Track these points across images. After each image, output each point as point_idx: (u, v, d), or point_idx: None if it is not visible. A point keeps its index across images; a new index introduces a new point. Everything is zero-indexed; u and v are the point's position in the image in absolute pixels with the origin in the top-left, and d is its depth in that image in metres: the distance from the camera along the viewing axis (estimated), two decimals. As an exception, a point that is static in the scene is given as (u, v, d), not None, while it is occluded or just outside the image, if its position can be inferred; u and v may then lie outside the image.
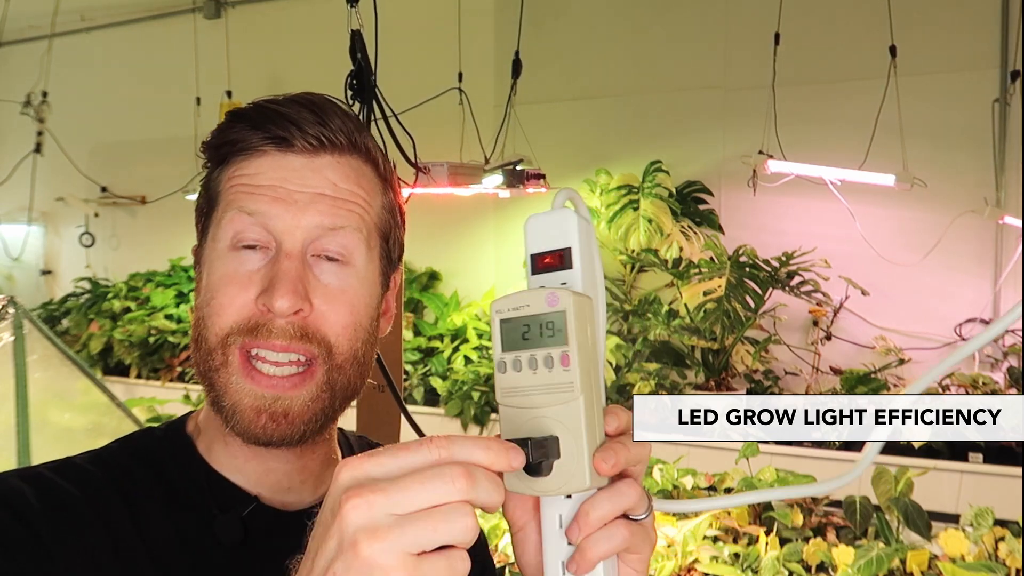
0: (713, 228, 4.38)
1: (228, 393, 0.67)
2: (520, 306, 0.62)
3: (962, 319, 3.91)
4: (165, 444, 0.74)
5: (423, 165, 2.13)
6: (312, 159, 0.69)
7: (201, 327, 0.68)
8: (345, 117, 0.71)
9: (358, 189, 0.71)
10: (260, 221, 0.67)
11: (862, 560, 2.20)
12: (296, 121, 0.68)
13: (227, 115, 0.72)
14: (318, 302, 0.67)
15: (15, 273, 6.80)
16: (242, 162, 0.70)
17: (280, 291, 0.65)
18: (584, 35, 4.75)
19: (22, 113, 5.16)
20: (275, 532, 0.72)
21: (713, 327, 3.82)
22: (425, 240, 4.92)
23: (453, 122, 3.55)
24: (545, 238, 0.65)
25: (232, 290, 0.67)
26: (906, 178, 3.51)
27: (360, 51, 1.66)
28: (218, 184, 0.71)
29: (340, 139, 0.70)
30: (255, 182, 0.68)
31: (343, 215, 0.69)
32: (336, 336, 0.68)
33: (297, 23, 5.39)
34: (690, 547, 2.32)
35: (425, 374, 4.40)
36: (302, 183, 0.68)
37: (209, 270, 0.69)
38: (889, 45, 3.53)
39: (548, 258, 0.65)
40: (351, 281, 0.70)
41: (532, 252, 0.66)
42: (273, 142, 0.69)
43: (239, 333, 0.67)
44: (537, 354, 0.61)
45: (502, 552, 2.49)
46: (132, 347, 5.09)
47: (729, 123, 4.44)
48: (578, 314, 0.60)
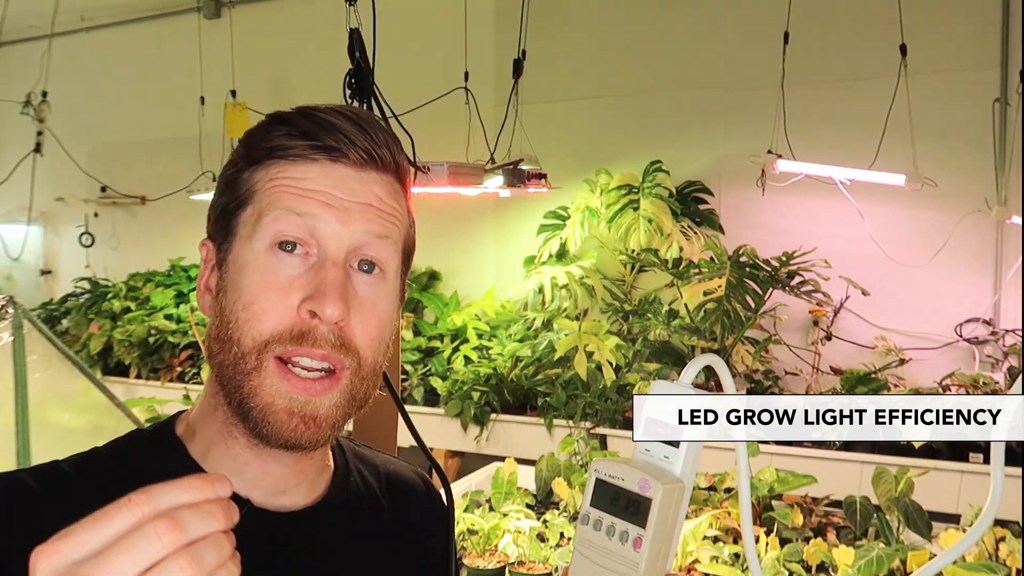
0: (713, 228, 4.38)
1: (260, 395, 0.67)
2: (617, 476, 0.68)
3: (963, 319, 3.91)
4: (154, 446, 0.73)
5: (423, 165, 2.13)
6: (360, 172, 0.70)
7: (233, 330, 0.68)
8: (388, 135, 0.73)
9: (397, 205, 0.73)
10: (308, 223, 0.68)
11: (862, 560, 2.20)
12: (347, 133, 0.69)
13: (270, 117, 0.72)
14: (353, 312, 0.68)
15: (15, 273, 6.80)
16: (287, 166, 0.69)
17: (331, 299, 0.66)
18: (584, 35, 4.75)
19: (22, 113, 5.15)
20: (267, 534, 0.72)
21: (713, 327, 3.82)
22: (425, 240, 4.81)
23: (460, 121, 3.55)
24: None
25: (274, 295, 0.67)
26: (917, 178, 3.49)
27: (359, 50, 1.66)
28: (252, 184, 0.70)
29: (386, 155, 0.72)
30: (303, 186, 0.69)
31: (387, 226, 0.71)
32: (365, 348, 0.69)
33: (299, 23, 5.39)
34: (690, 547, 2.32)
35: (425, 374, 4.39)
36: (351, 193, 0.69)
37: (243, 271, 0.69)
38: (899, 44, 3.52)
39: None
40: (382, 293, 0.71)
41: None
42: (324, 151, 0.69)
43: (280, 341, 0.66)
44: (617, 524, 0.66)
45: (502, 552, 2.49)
46: (132, 347, 5.09)
47: (729, 123, 4.43)
48: (663, 505, 0.65)
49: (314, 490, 0.77)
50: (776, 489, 2.58)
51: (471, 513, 2.65)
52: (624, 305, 4.40)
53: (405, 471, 0.90)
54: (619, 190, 4.33)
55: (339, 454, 0.83)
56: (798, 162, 3.66)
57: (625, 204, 4.27)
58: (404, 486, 0.87)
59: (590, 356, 3.93)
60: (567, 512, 2.73)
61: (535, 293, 4.44)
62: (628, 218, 4.22)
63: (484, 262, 5.08)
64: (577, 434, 3.36)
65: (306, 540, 0.74)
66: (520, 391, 4.10)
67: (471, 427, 4.05)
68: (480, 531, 2.54)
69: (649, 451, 0.69)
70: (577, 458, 3.08)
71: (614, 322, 4.41)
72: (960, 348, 3.92)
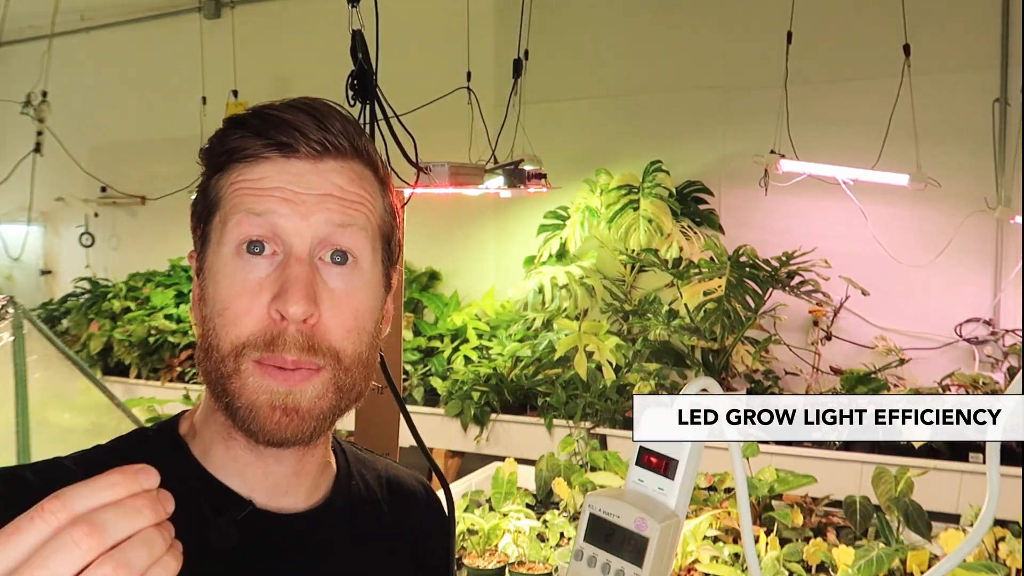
0: (713, 228, 4.38)
1: (244, 393, 0.67)
2: (612, 513, 0.66)
3: (962, 319, 3.91)
4: (156, 445, 0.73)
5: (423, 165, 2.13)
6: (316, 164, 0.69)
7: (212, 337, 0.68)
8: (346, 122, 0.72)
9: (362, 192, 0.71)
10: (268, 220, 0.67)
11: (862, 560, 2.20)
12: (299, 127, 0.68)
13: (226, 122, 0.71)
14: (324, 307, 0.67)
15: (15, 273, 6.80)
16: (244, 168, 0.69)
17: (294, 296, 0.65)
18: (585, 35, 4.75)
19: (22, 113, 5.16)
20: (270, 535, 0.72)
21: (713, 327, 3.82)
22: (425, 240, 4.92)
23: (463, 121, 3.55)
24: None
25: (244, 300, 0.67)
26: (920, 178, 3.48)
27: (361, 51, 1.66)
28: (218, 190, 0.71)
29: (343, 144, 0.70)
30: (260, 185, 0.68)
31: (351, 214, 0.70)
32: (341, 341, 0.68)
33: (300, 22, 5.40)
34: (690, 547, 2.32)
35: (425, 374, 4.39)
36: (308, 186, 0.68)
37: (215, 278, 0.69)
38: (903, 44, 3.52)
39: (655, 459, 0.67)
40: (357, 284, 0.70)
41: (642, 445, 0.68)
42: (277, 148, 0.69)
43: (254, 347, 0.66)
44: (612, 562, 0.65)
45: (502, 552, 2.49)
46: (132, 347, 5.09)
47: (729, 123, 4.44)
48: (660, 543, 0.64)
49: (316, 491, 0.77)
50: (776, 489, 2.58)
51: (471, 513, 2.65)
52: (624, 305, 4.40)
53: (406, 476, 0.90)
54: (619, 190, 4.33)
55: (341, 457, 0.83)
56: (802, 162, 3.66)
57: (625, 204, 4.27)
58: (405, 491, 0.87)
59: (590, 356, 3.93)
60: (567, 512, 2.73)
61: (535, 293, 4.44)
62: (628, 218, 4.22)
63: (484, 262, 5.08)
64: (577, 434, 3.36)
65: (308, 542, 0.74)
66: (520, 391, 4.10)
67: (471, 427, 4.05)
68: (480, 531, 2.54)
69: (643, 481, 0.68)
70: (577, 458, 3.08)
71: (614, 322, 4.41)
72: (960, 348, 3.92)
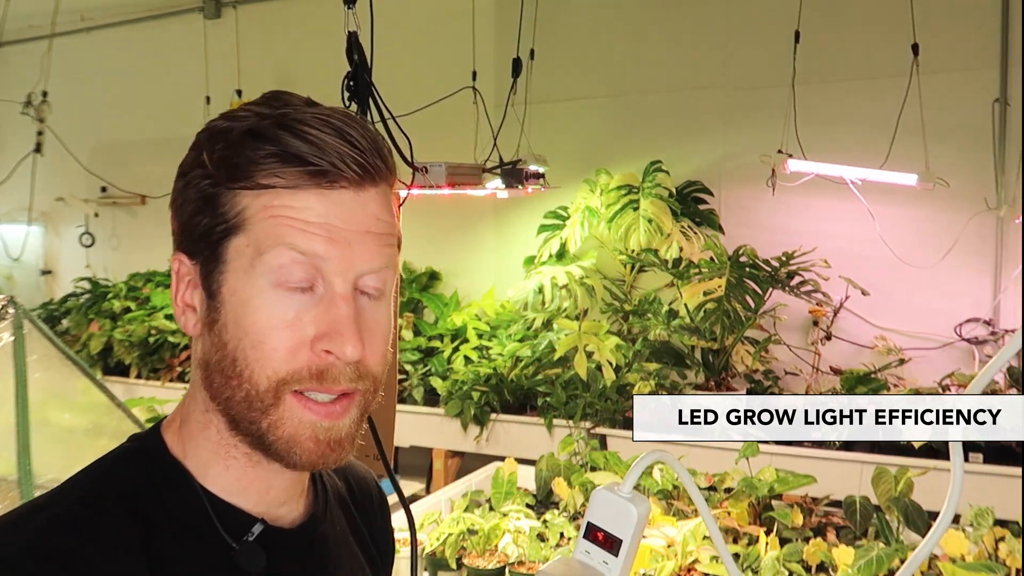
0: (713, 228, 4.38)
1: (282, 427, 0.66)
2: None
3: (962, 319, 3.91)
4: (154, 474, 0.70)
5: (421, 165, 2.13)
6: (358, 193, 0.67)
7: (243, 367, 0.66)
8: (376, 139, 0.69)
9: (391, 219, 0.70)
10: (313, 263, 0.65)
11: (862, 560, 2.20)
12: (341, 151, 0.65)
13: (249, 132, 0.66)
14: (365, 340, 0.68)
15: (15, 273, 6.80)
16: (282, 193, 0.65)
17: (349, 339, 0.65)
18: (585, 35, 4.74)
19: (22, 113, 5.16)
20: (287, 552, 0.72)
21: (713, 327, 3.82)
22: (425, 240, 4.92)
23: (468, 121, 3.56)
24: (607, 516, 0.76)
25: (286, 334, 0.65)
26: (929, 177, 3.46)
27: (357, 53, 1.66)
28: (243, 209, 0.66)
29: (380, 165, 0.68)
30: (303, 217, 0.65)
31: (386, 254, 0.69)
32: (376, 367, 0.69)
33: (302, 21, 5.39)
34: (690, 547, 2.32)
35: (425, 374, 4.39)
36: (351, 220, 0.66)
37: (245, 307, 0.66)
38: (912, 43, 3.51)
39: (602, 536, 0.75)
40: (385, 313, 0.71)
41: (591, 521, 0.76)
42: (323, 175, 0.65)
43: (298, 380, 0.66)
44: None
45: (502, 552, 2.49)
46: (132, 347, 5.09)
47: (729, 123, 4.44)
48: None
49: (303, 498, 0.77)
50: (776, 489, 2.58)
51: (471, 513, 2.65)
52: (624, 305, 4.40)
53: (356, 465, 0.91)
54: (619, 190, 4.33)
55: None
56: (809, 161, 3.64)
57: (625, 204, 4.27)
58: (358, 478, 0.89)
59: (590, 356, 3.93)
60: (567, 512, 2.73)
61: (535, 293, 4.44)
62: (628, 218, 4.22)
63: (484, 262, 5.08)
64: (577, 434, 3.36)
65: (316, 548, 0.76)
66: (520, 391, 4.10)
67: (471, 427, 4.05)
68: (480, 531, 2.54)
69: (589, 553, 0.75)
70: (577, 458, 3.08)
71: (614, 322, 4.41)
72: (960, 348, 3.92)
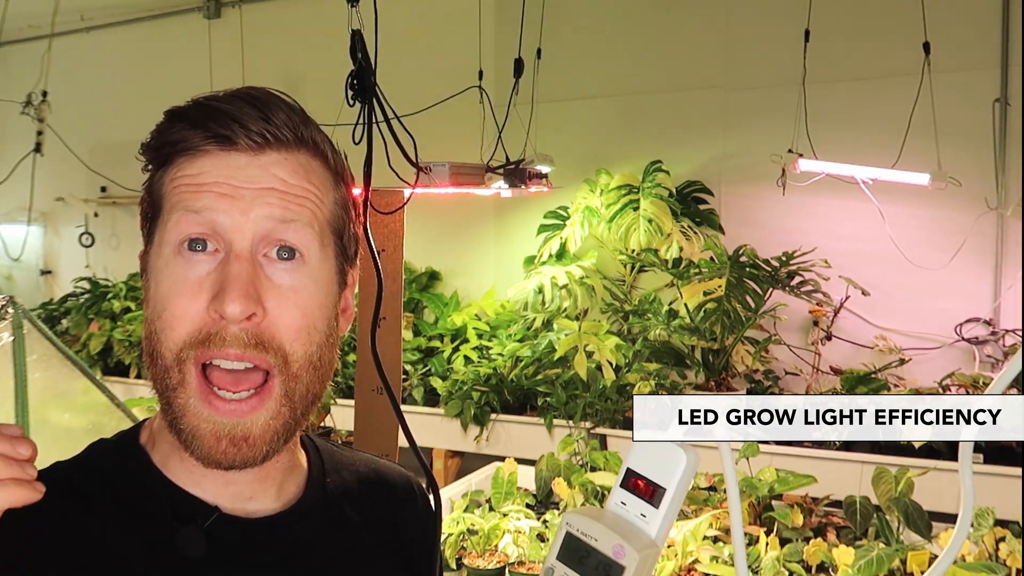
0: (713, 228, 4.38)
1: (186, 416, 0.65)
2: (590, 535, 0.63)
3: (963, 319, 3.90)
4: (118, 455, 0.71)
5: (424, 165, 2.13)
6: (258, 156, 0.66)
7: (154, 342, 0.65)
8: (290, 111, 0.69)
9: (308, 185, 0.68)
10: (207, 218, 0.64)
11: (862, 560, 2.20)
12: (239, 118, 0.65)
13: (166, 114, 0.68)
14: (271, 305, 0.65)
15: (15, 273, 6.80)
16: (184, 162, 0.66)
17: (231, 295, 0.62)
18: (585, 36, 4.75)
19: (22, 113, 5.15)
20: (240, 541, 0.70)
21: (713, 327, 3.82)
22: (425, 240, 4.92)
23: (474, 121, 3.55)
24: (649, 462, 0.65)
25: (183, 300, 0.64)
26: (941, 177, 3.45)
27: (360, 51, 1.66)
28: (161, 187, 0.68)
29: (286, 134, 0.67)
30: (199, 180, 0.65)
31: (294, 209, 0.66)
32: (291, 342, 0.66)
33: (306, 20, 5.39)
34: (690, 547, 2.32)
35: (425, 374, 4.39)
36: (248, 180, 0.65)
37: (156, 279, 0.66)
38: (923, 42, 3.51)
39: (642, 483, 0.65)
40: (304, 280, 0.67)
41: (630, 467, 0.65)
42: (216, 140, 0.65)
43: (192, 346, 0.64)
44: None
45: (502, 552, 2.49)
46: (132, 347, 5.09)
47: (729, 123, 4.44)
48: (636, 573, 0.61)
49: (285, 493, 0.74)
50: (776, 489, 2.58)
51: (471, 513, 2.65)
52: (624, 305, 4.40)
53: (387, 470, 0.86)
54: (619, 190, 4.33)
55: (314, 455, 0.80)
56: (821, 161, 3.63)
57: (625, 204, 4.27)
58: (386, 485, 0.84)
59: (590, 356, 3.93)
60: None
61: (535, 293, 4.44)
62: (628, 218, 4.22)
63: (484, 262, 5.08)
64: (577, 434, 3.36)
65: (281, 544, 0.72)
66: (520, 391, 4.10)
67: (471, 427, 4.05)
68: (480, 531, 2.54)
69: (625, 504, 0.66)
70: (577, 458, 3.08)
71: (614, 322, 4.41)
72: (960, 348, 3.92)
